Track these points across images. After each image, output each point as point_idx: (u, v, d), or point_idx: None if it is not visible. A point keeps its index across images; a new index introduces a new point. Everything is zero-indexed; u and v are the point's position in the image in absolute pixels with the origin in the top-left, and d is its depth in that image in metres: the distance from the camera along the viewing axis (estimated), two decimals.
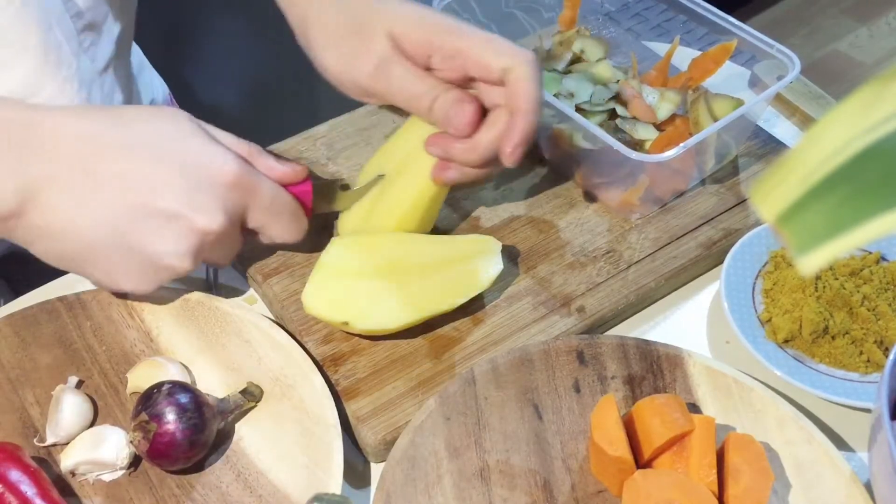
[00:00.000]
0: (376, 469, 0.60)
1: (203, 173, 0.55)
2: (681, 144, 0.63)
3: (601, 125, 0.71)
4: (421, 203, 0.64)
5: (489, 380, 0.59)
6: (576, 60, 0.77)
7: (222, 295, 0.68)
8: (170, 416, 0.54)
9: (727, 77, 0.75)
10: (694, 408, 0.59)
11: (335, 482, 0.54)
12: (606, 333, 0.66)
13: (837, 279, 0.65)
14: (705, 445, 0.53)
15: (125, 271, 0.55)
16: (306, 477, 0.55)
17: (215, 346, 0.62)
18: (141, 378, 0.59)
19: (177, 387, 0.56)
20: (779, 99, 0.83)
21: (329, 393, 0.58)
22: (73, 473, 0.56)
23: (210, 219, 0.54)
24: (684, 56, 0.76)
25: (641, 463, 0.55)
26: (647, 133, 0.70)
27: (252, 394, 0.59)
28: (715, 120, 0.69)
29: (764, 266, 0.67)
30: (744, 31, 0.73)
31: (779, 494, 0.55)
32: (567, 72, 0.75)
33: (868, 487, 0.54)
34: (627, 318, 0.68)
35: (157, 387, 0.56)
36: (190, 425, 0.54)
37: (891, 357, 0.52)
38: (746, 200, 0.73)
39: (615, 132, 0.70)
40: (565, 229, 0.70)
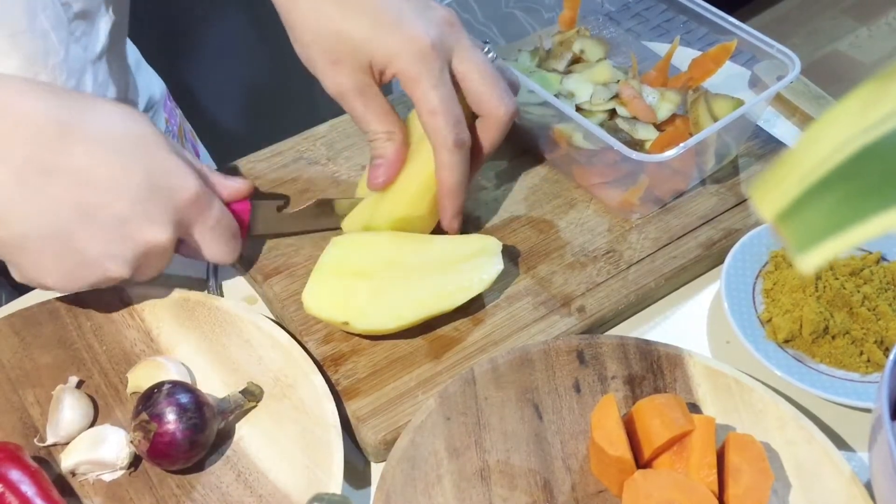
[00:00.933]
0: (376, 469, 0.60)
1: (162, 185, 0.53)
2: (680, 144, 0.64)
3: (601, 125, 0.71)
4: (426, 193, 0.64)
5: (489, 380, 0.59)
6: (576, 60, 0.77)
7: (222, 295, 0.68)
8: (170, 416, 0.54)
9: (727, 77, 0.75)
10: (694, 408, 0.59)
11: (335, 482, 0.54)
12: (606, 333, 0.66)
13: (837, 279, 0.65)
14: (705, 445, 0.53)
15: (56, 268, 0.53)
16: (306, 477, 0.55)
17: (215, 346, 0.62)
18: (141, 378, 0.59)
19: (177, 387, 0.56)
20: (779, 99, 0.83)
21: (329, 393, 0.58)
22: (74, 473, 0.56)
23: (157, 231, 0.53)
24: (684, 56, 0.76)
25: (641, 463, 0.55)
26: (647, 133, 0.70)
27: (252, 394, 0.59)
28: (715, 120, 0.69)
29: (764, 266, 0.67)
30: (744, 32, 0.73)
31: (779, 494, 0.55)
32: (567, 72, 0.75)
33: (868, 487, 0.54)
34: (627, 318, 0.68)
35: (158, 387, 0.56)
36: (190, 425, 0.54)
37: (891, 357, 0.52)
38: (746, 200, 0.73)
39: (615, 132, 0.70)
40: (565, 229, 0.70)
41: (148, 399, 0.55)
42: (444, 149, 0.60)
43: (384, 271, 0.61)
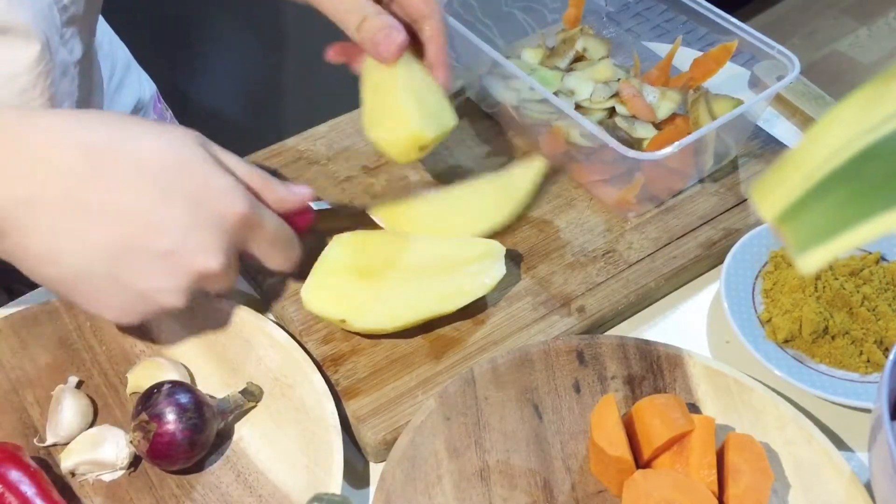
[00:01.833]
0: (376, 469, 0.60)
1: (207, 210, 0.51)
2: (676, 143, 0.64)
3: (600, 123, 0.71)
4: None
5: (489, 380, 0.59)
6: (578, 59, 0.77)
7: (222, 295, 0.68)
8: (170, 416, 0.54)
9: (727, 77, 0.75)
10: (694, 408, 0.59)
11: (335, 482, 0.54)
12: (606, 333, 0.66)
13: (837, 279, 0.65)
14: (705, 445, 0.53)
15: (111, 303, 0.52)
16: (306, 477, 0.55)
17: (215, 346, 0.62)
18: (141, 378, 0.59)
19: (177, 387, 0.56)
20: (779, 99, 0.83)
21: (329, 393, 0.58)
22: (73, 473, 0.56)
23: (209, 259, 0.51)
24: (684, 56, 0.76)
25: (641, 463, 0.55)
26: (646, 132, 0.70)
27: (252, 394, 0.59)
28: (714, 120, 0.69)
29: (764, 266, 0.67)
30: (744, 32, 0.73)
31: (779, 494, 0.55)
32: (569, 70, 0.75)
33: (868, 487, 0.54)
34: (627, 318, 0.68)
35: (157, 387, 0.56)
36: (190, 425, 0.54)
37: (891, 357, 0.52)
38: (746, 200, 0.73)
39: (613, 130, 0.70)
40: (565, 229, 0.70)
41: (148, 399, 0.55)
42: (439, 16, 0.63)
43: (385, 271, 0.61)
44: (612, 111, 0.72)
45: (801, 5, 2.41)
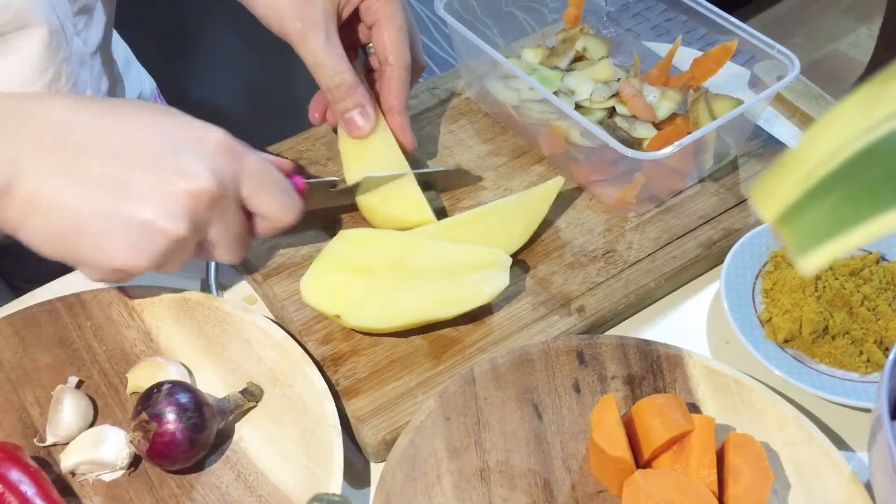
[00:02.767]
0: (376, 469, 0.60)
1: (187, 136, 0.54)
2: (675, 143, 0.64)
3: (600, 123, 0.71)
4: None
5: (489, 380, 0.59)
6: (578, 59, 0.77)
7: (222, 295, 0.68)
8: (170, 416, 0.54)
9: (727, 77, 0.75)
10: (694, 408, 0.59)
11: (335, 482, 0.54)
12: (606, 333, 0.66)
13: (837, 279, 0.65)
14: (705, 445, 0.53)
15: (116, 242, 0.52)
16: (306, 477, 0.55)
17: (215, 346, 0.62)
18: (141, 378, 0.59)
19: (177, 387, 0.56)
20: (779, 99, 0.83)
21: (329, 393, 0.58)
22: (73, 473, 0.56)
23: (198, 178, 0.52)
24: (684, 56, 0.76)
25: (641, 463, 0.55)
26: (646, 131, 0.70)
27: (252, 394, 0.59)
28: (714, 120, 0.69)
29: (764, 266, 0.67)
30: (744, 32, 0.73)
31: (779, 494, 0.55)
32: (569, 69, 0.75)
33: (868, 487, 0.54)
34: (627, 318, 0.68)
35: (157, 387, 0.56)
36: (190, 425, 0.54)
37: (891, 357, 0.52)
38: (746, 200, 0.73)
39: (613, 130, 0.70)
40: (565, 229, 0.70)
41: (148, 399, 0.55)
42: (404, 66, 0.68)
43: (387, 271, 0.61)
44: (612, 111, 0.72)
45: (801, 5, 2.41)
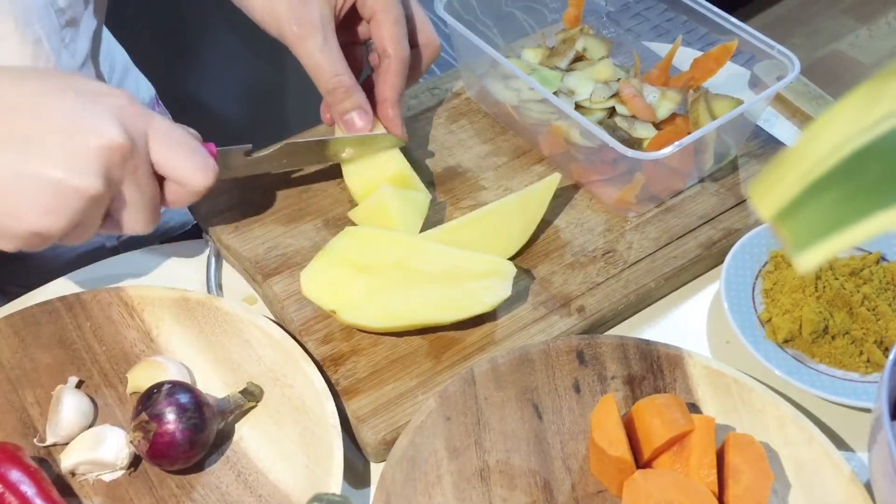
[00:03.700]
0: (376, 469, 0.60)
1: (94, 97, 0.52)
2: (675, 143, 0.64)
3: (600, 123, 0.71)
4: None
5: (489, 380, 0.59)
6: (578, 59, 0.77)
7: (222, 295, 0.68)
8: (170, 416, 0.54)
9: (727, 77, 0.75)
10: (694, 408, 0.59)
11: (335, 482, 0.54)
12: (606, 333, 0.66)
13: (837, 279, 0.65)
14: (705, 445, 0.53)
15: (29, 205, 0.50)
16: (306, 477, 0.55)
17: (215, 346, 0.62)
18: (141, 378, 0.59)
19: (177, 387, 0.56)
20: (779, 99, 0.83)
21: (329, 393, 0.58)
22: (73, 473, 0.56)
23: (108, 134, 0.51)
24: (684, 56, 0.76)
25: (641, 463, 0.55)
26: (646, 131, 0.70)
27: (252, 394, 0.59)
28: (714, 120, 0.69)
29: (764, 266, 0.67)
30: (744, 32, 0.73)
31: (779, 494, 0.55)
32: (569, 69, 0.75)
33: (868, 487, 0.54)
34: (627, 318, 0.68)
35: (157, 387, 0.56)
36: (190, 425, 0.54)
37: (891, 357, 0.52)
38: (746, 200, 0.73)
39: (613, 130, 0.70)
40: (565, 229, 0.70)
41: (148, 399, 0.55)
42: (401, 59, 0.68)
43: (388, 271, 0.61)
44: (612, 111, 0.72)
45: (802, 5, 2.41)
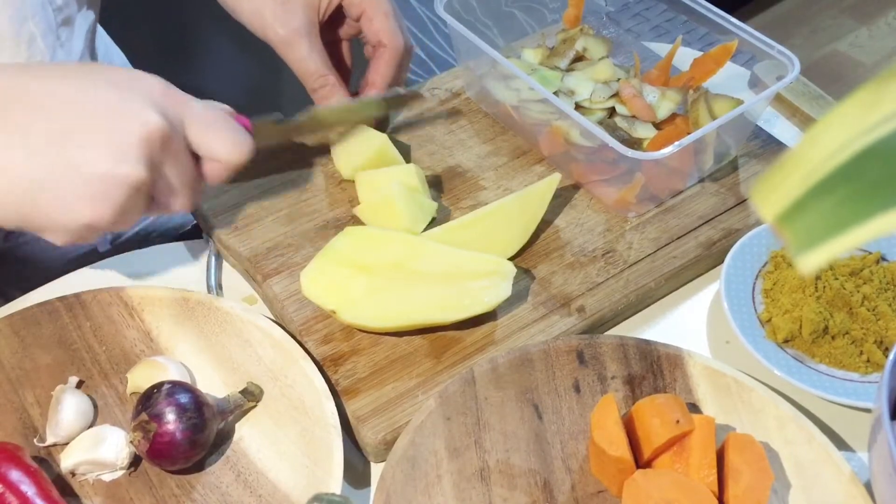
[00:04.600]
0: (376, 469, 0.60)
1: (129, 84, 0.53)
2: (675, 143, 0.64)
3: (600, 123, 0.71)
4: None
5: (489, 380, 0.59)
6: (578, 59, 0.77)
7: (222, 295, 0.68)
8: (170, 416, 0.54)
9: (727, 77, 0.75)
10: (694, 408, 0.59)
11: (335, 482, 0.54)
12: (606, 333, 0.66)
13: (837, 279, 0.65)
14: (705, 445, 0.53)
15: (78, 198, 0.50)
16: (306, 477, 0.55)
17: (215, 346, 0.62)
18: (141, 378, 0.59)
19: (177, 387, 0.56)
20: (779, 99, 0.83)
21: (329, 393, 0.58)
22: (73, 473, 0.56)
23: (147, 121, 0.51)
24: (684, 57, 0.76)
25: (641, 463, 0.55)
26: (646, 132, 0.70)
27: (252, 393, 0.59)
28: (714, 120, 0.69)
29: (764, 266, 0.67)
30: (744, 32, 0.73)
31: (779, 494, 0.55)
32: (569, 70, 0.75)
33: (868, 487, 0.54)
34: (627, 318, 0.68)
35: (157, 387, 0.56)
36: (190, 425, 0.54)
37: (891, 357, 0.52)
38: (746, 200, 0.73)
39: (613, 130, 0.70)
40: (565, 229, 0.70)
41: (148, 399, 0.55)
42: (396, 48, 0.69)
43: (388, 271, 0.61)
44: (612, 111, 0.72)
45: (802, 5, 2.41)
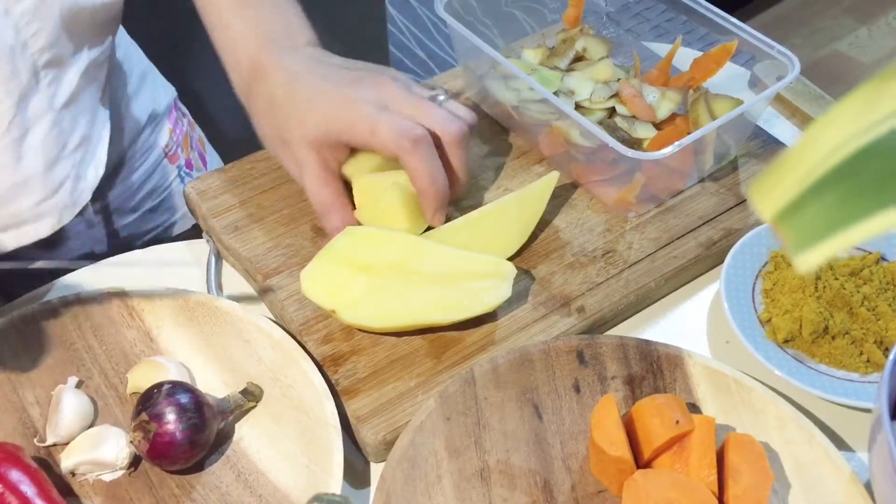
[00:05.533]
0: (376, 469, 0.60)
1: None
2: (675, 143, 0.64)
3: (600, 123, 0.71)
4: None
5: (489, 380, 0.59)
6: (578, 59, 0.77)
7: (222, 295, 0.68)
8: (170, 416, 0.54)
9: (727, 77, 0.75)
10: (694, 408, 0.59)
11: (335, 482, 0.54)
12: (606, 333, 0.66)
13: (837, 279, 0.65)
14: (705, 445, 0.53)
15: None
16: (306, 477, 0.55)
17: (215, 346, 0.62)
18: (141, 378, 0.59)
19: (177, 387, 0.56)
20: (779, 99, 0.83)
21: (329, 393, 0.58)
22: (73, 473, 0.56)
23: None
24: (684, 57, 0.76)
25: (641, 463, 0.55)
26: (646, 132, 0.70)
27: (252, 393, 0.59)
28: (714, 120, 0.69)
29: (764, 266, 0.67)
30: (744, 32, 0.73)
31: (779, 494, 0.55)
32: (569, 70, 0.75)
33: (868, 487, 0.54)
34: (627, 318, 0.68)
35: (157, 387, 0.56)
36: (190, 425, 0.54)
37: (891, 357, 0.52)
38: (746, 200, 0.73)
39: (613, 130, 0.70)
40: (565, 229, 0.70)
41: (148, 399, 0.55)
42: (404, 152, 0.62)
43: (388, 271, 0.61)
44: (612, 111, 0.72)
45: (802, 5, 2.41)
